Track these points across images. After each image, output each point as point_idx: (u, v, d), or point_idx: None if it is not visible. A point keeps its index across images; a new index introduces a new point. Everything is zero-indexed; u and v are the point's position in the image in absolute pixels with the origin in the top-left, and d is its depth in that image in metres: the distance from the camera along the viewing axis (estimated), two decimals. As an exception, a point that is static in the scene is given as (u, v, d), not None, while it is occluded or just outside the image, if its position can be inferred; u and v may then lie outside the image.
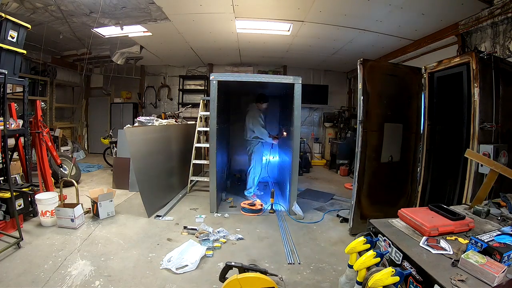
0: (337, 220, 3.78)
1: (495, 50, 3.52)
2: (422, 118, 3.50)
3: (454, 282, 1.16)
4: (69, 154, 7.32)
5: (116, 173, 5.09)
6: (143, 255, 2.71)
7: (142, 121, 4.79)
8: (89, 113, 9.02)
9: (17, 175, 3.99)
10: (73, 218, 3.16)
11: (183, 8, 4.31)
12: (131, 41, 6.12)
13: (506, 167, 2.09)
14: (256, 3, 4.12)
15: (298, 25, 4.86)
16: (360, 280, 1.39)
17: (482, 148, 2.67)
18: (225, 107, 4.97)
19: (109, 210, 3.61)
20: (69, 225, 3.19)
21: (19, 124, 3.28)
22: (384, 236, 1.62)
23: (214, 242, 2.94)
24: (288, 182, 4.11)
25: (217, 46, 6.28)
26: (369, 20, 4.44)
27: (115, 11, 4.42)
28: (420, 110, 3.51)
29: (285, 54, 6.88)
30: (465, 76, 3.00)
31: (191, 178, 4.92)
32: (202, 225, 3.31)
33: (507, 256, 1.27)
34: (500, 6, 3.41)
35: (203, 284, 2.28)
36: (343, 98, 8.69)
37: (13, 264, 2.42)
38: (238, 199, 4.55)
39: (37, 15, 4.58)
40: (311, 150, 8.45)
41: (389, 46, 5.58)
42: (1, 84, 2.77)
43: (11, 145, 3.40)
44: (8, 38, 2.99)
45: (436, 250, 1.41)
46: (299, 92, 3.81)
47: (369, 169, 3.26)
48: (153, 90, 8.78)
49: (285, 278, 2.31)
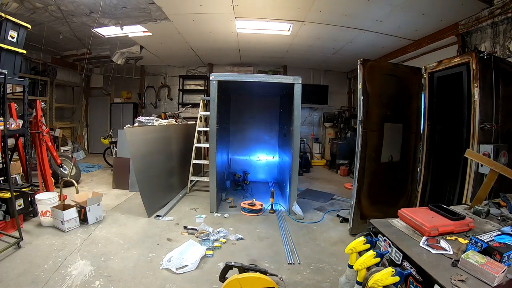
0: (337, 220, 3.78)
1: (495, 50, 3.52)
2: (422, 118, 3.50)
3: (454, 282, 1.16)
4: (69, 154, 7.32)
5: (116, 173, 5.09)
6: (143, 255, 2.71)
7: (142, 121, 4.79)
8: (89, 113, 9.02)
9: (17, 175, 3.99)
10: (62, 221, 3.10)
11: (183, 8, 4.31)
12: (131, 41, 6.12)
13: (506, 167, 2.09)
14: (256, 3, 4.12)
15: (298, 25, 4.86)
16: (360, 280, 1.39)
17: (482, 148, 2.66)
18: (225, 107, 4.97)
19: (97, 215, 3.45)
20: (60, 227, 3.14)
21: (19, 124, 3.28)
22: (384, 236, 1.62)
23: (214, 242, 2.94)
24: (288, 182, 4.11)
25: (217, 46, 6.28)
26: (369, 20, 4.44)
27: (115, 11, 4.42)
28: (420, 110, 3.51)
29: (285, 54, 6.88)
30: (465, 76, 3.00)
31: (191, 178, 4.92)
32: (202, 225, 3.31)
33: (507, 256, 1.27)
34: (500, 6, 3.41)
35: (203, 284, 2.28)
36: (343, 98, 8.69)
37: (13, 264, 2.42)
38: (238, 199, 4.55)
39: (37, 15, 4.58)
40: (311, 150, 8.45)
41: (389, 46, 5.58)
42: (1, 84, 2.77)
43: (11, 145, 3.40)
44: (8, 38, 2.99)
45: (436, 250, 1.41)
46: (299, 92, 3.81)
47: (369, 169, 3.26)
48: (153, 90, 8.78)
49: (285, 278, 2.31)
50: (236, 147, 5.93)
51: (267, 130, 5.92)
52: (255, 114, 5.88)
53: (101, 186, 5.14)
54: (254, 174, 5.88)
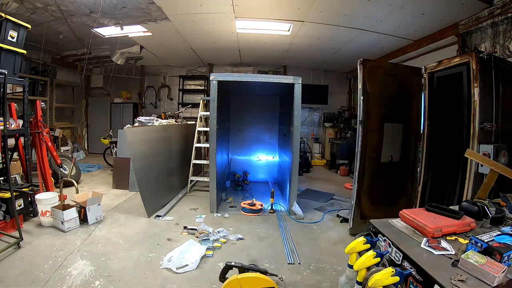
0: (337, 220, 3.78)
1: (495, 50, 3.52)
2: (422, 118, 3.49)
3: (454, 282, 1.16)
4: (69, 154, 7.32)
5: (116, 173, 5.09)
6: (143, 255, 2.71)
7: (142, 121, 4.79)
8: (89, 113, 9.03)
9: (17, 175, 3.99)
10: (62, 221, 3.10)
11: (183, 8, 4.31)
12: (131, 41, 6.12)
13: (506, 167, 2.08)
14: (256, 3, 4.12)
15: (298, 25, 4.86)
16: (360, 280, 1.39)
17: (482, 148, 2.66)
18: (225, 107, 4.97)
19: (97, 215, 3.46)
20: (60, 227, 3.14)
21: (19, 124, 3.28)
22: (384, 236, 1.62)
23: (214, 242, 2.94)
24: (288, 182, 4.11)
25: (217, 46, 6.28)
26: (369, 20, 4.44)
27: (115, 11, 4.42)
28: (420, 110, 3.50)
29: (285, 54, 6.87)
30: (465, 76, 3.00)
31: (191, 178, 4.92)
32: (202, 225, 3.31)
33: (507, 256, 1.27)
34: (500, 6, 3.41)
35: (203, 284, 2.28)
36: (343, 98, 8.69)
37: (13, 264, 2.42)
38: (238, 199, 4.55)
39: (37, 15, 4.58)
40: (311, 150, 8.44)
41: (389, 46, 5.58)
42: (1, 84, 2.77)
43: (11, 145, 3.40)
44: (8, 38, 2.99)
45: (438, 251, 1.41)
46: (299, 92, 3.81)
47: (369, 169, 3.25)
48: (153, 90, 8.78)
49: (285, 278, 2.30)
50: (236, 147, 5.93)
51: (267, 130, 5.92)
52: (255, 114, 5.87)
53: (101, 186, 5.14)
54: (254, 174, 5.88)
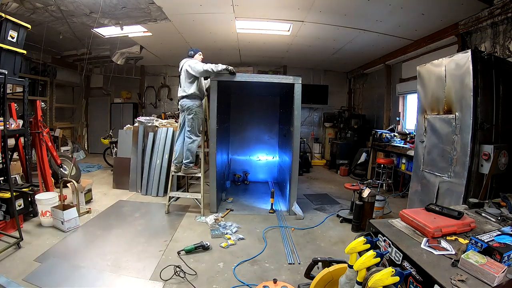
0: (337, 220, 3.77)
1: (495, 50, 3.53)
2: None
3: (454, 282, 1.16)
4: (69, 154, 7.31)
5: (116, 173, 5.09)
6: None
7: (142, 121, 4.79)
8: (89, 113, 9.02)
9: (17, 175, 3.99)
10: (62, 221, 3.10)
11: (183, 8, 4.31)
12: (131, 41, 6.12)
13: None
14: (256, 3, 4.12)
15: (298, 25, 4.86)
16: (360, 280, 1.39)
17: (482, 148, 2.66)
18: (225, 107, 4.97)
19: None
20: (60, 227, 3.14)
21: (19, 124, 3.28)
22: (384, 236, 1.62)
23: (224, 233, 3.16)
24: (288, 182, 4.11)
25: (217, 46, 6.28)
26: (369, 20, 4.44)
27: (115, 11, 4.42)
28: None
29: (285, 54, 6.88)
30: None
31: (170, 194, 4.90)
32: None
33: (507, 256, 1.26)
34: (500, 6, 3.41)
35: (203, 284, 2.29)
36: (343, 98, 8.69)
37: (13, 264, 2.42)
38: (238, 199, 4.55)
39: (37, 15, 4.57)
40: (311, 150, 8.44)
41: (389, 46, 5.58)
42: (1, 84, 2.77)
43: (11, 145, 3.39)
44: (8, 38, 2.99)
45: (438, 251, 1.41)
46: (299, 92, 3.81)
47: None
48: (153, 90, 8.78)
49: (286, 278, 2.31)
50: (236, 147, 5.92)
51: (267, 130, 5.92)
52: (255, 114, 5.87)
53: (101, 186, 5.14)
54: (254, 174, 5.88)
